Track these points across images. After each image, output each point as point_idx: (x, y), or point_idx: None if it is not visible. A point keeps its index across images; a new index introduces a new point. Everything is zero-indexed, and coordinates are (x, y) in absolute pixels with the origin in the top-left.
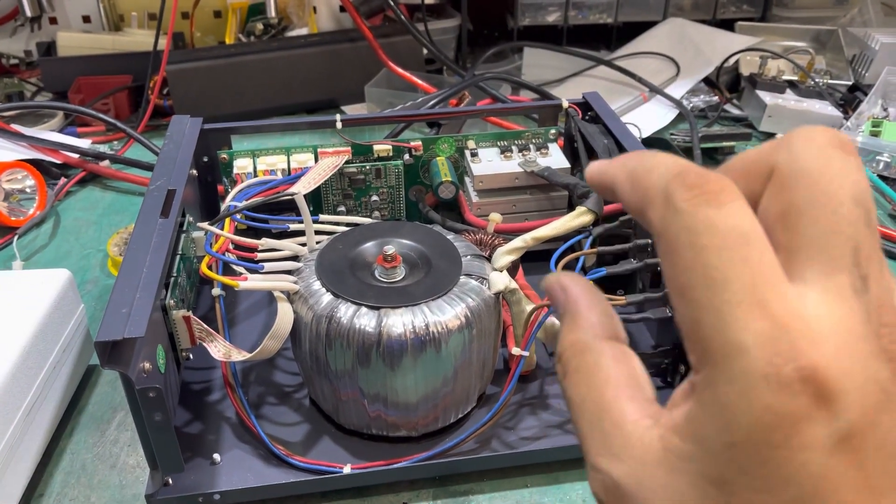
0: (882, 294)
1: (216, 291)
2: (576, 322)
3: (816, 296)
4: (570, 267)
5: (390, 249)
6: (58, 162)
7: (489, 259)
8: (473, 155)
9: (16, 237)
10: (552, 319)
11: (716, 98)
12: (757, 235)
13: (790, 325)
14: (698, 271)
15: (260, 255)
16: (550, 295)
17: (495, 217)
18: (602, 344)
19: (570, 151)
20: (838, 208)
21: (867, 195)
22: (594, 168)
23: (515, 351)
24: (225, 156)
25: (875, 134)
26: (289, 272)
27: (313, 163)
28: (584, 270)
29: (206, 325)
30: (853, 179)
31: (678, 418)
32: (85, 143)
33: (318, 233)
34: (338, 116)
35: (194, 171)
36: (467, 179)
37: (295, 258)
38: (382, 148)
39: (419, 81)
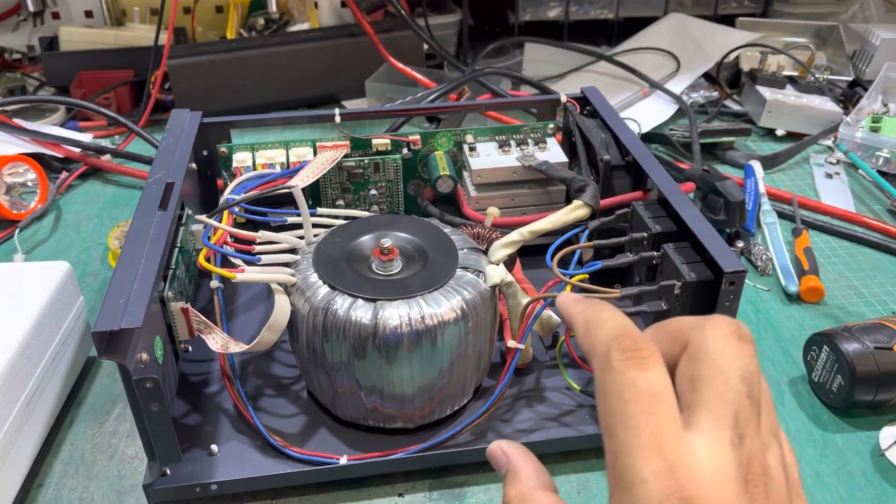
0: (754, 450)
1: (214, 284)
2: (517, 477)
3: (704, 444)
4: (566, 260)
5: (387, 242)
6: (59, 156)
7: (486, 252)
8: (472, 149)
9: (17, 230)
10: (548, 312)
11: (716, 93)
12: (666, 395)
13: (679, 466)
14: (620, 417)
15: (258, 248)
16: (495, 461)
17: (493, 211)
18: (539, 493)
19: (568, 146)
20: (727, 381)
21: (753, 375)
22: (564, 301)
23: (511, 344)
24: (224, 149)
25: (875, 130)
26: (286, 265)
27: (312, 157)
28: (581, 263)
29: (204, 318)
30: (743, 362)
31: None
32: (86, 138)
33: (316, 226)
34: (337, 110)
35: (193, 165)
36: (465, 174)
37: (293, 251)
38: (381, 142)
39: (419, 76)
